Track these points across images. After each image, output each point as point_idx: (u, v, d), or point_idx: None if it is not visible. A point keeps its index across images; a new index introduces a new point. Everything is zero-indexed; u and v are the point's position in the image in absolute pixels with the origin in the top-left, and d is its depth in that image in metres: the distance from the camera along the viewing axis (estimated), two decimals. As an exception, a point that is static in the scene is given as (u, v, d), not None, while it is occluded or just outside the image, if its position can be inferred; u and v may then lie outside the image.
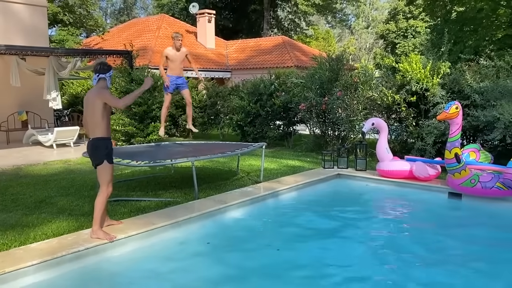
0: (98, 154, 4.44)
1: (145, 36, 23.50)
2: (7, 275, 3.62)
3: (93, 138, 4.46)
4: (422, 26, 39.45)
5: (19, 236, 4.64)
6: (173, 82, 7.72)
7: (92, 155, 4.53)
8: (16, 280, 3.66)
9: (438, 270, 4.14)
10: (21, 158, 10.06)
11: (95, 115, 4.38)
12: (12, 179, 7.84)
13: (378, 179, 7.27)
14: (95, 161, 4.50)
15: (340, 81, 10.10)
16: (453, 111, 6.00)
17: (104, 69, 4.50)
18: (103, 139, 4.45)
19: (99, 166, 4.46)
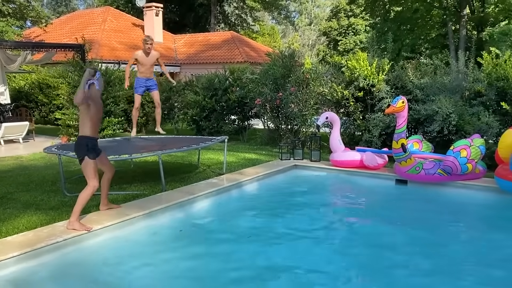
0: (80, 151, 4.78)
1: (90, 29, 22.83)
2: (-11, 267, 3.68)
3: (78, 135, 4.88)
4: (362, 24, 41.27)
5: (-10, 231, 4.64)
6: (142, 85, 7.72)
7: (76, 150, 4.88)
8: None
9: (383, 248, 4.67)
10: (-33, 155, 9.65)
11: (81, 115, 4.81)
12: (-38, 176, 7.58)
13: (331, 168, 7.80)
14: (78, 157, 4.85)
15: (292, 77, 10.57)
16: (399, 105, 6.61)
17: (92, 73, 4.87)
18: (85, 137, 4.79)
19: (82, 162, 4.79)
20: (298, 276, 3.99)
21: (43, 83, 16.31)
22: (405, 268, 4.16)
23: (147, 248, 4.57)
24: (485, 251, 4.56)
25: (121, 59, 20.16)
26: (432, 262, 4.25)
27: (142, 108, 13.54)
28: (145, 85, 7.77)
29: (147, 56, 7.58)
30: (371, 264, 4.28)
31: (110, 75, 11.18)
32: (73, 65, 10.99)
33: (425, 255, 4.44)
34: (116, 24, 24.16)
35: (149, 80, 7.75)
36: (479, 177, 6.74)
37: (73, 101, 5.51)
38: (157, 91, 7.92)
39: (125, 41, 22.76)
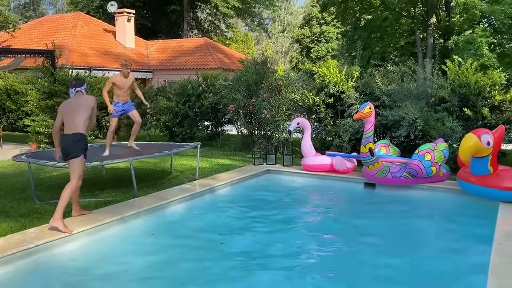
0: (78, 147, 4.85)
1: (59, 34, 22.46)
2: (-42, 275, 3.65)
3: (76, 132, 4.88)
4: (334, 32, 42.06)
5: (-42, 239, 4.56)
6: (119, 109, 7.54)
7: (71, 147, 4.85)
8: (-32, 279, 3.70)
9: (355, 248, 4.85)
10: None
11: (84, 115, 4.97)
12: None
13: (303, 173, 7.98)
14: (73, 153, 4.84)
15: (265, 84, 10.74)
16: (367, 111, 6.85)
17: (80, 83, 5.23)
18: (84, 135, 4.95)
19: (75, 158, 4.83)
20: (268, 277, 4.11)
21: (10, 89, 15.93)
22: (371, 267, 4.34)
23: (119, 252, 4.60)
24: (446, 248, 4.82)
25: (92, 65, 19.95)
26: (396, 260, 4.45)
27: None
28: (122, 109, 7.57)
29: (125, 79, 7.44)
30: (337, 263, 4.44)
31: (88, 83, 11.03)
32: (42, 71, 10.83)
33: (391, 253, 4.64)
34: (87, 30, 23.86)
35: (126, 104, 7.61)
36: (443, 180, 7.03)
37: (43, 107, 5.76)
38: (135, 110, 7.77)
39: (96, 47, 22.51)
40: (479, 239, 4.95)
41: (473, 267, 4.23)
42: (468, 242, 5.00)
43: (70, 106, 5.07)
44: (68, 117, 5.00)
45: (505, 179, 5.87)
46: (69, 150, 4.89)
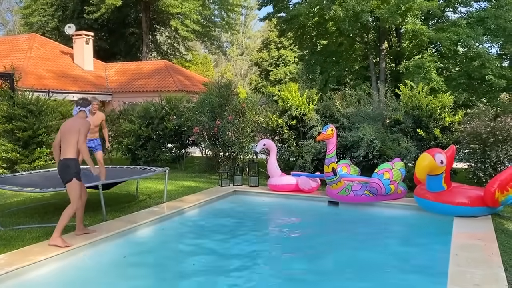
0: (68, 172, 5.04)
1: (14, 56, 21.83)
2: None
3: (65, 158, 5.09)
4: (291, 55, 43.22)
5: None
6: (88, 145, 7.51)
7: (62, 173, 5.11)
8: None
9: (315, 263, 5.08)
10: None
11: (74, 139, 5.10)
12: None
13: (269, 193, 8.20)
14: (64, 179, 5.10)
15: (229, 106, 10.98)
16: (329, 132, 7.20)
17: (85, 104, 5.46)
18: (73, 159, 5.10)
19: (68, 183, 5.05)
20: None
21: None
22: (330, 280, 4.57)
23: (91, 276, 4.59)
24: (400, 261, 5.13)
25: (50, 87, 19.49)
26: (358, 274, 4.71)
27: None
28: (89, 145, 7.32)
29: (92, 116, 7.52)
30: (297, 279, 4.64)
31: (42, 104, 10.84)
32: (1, 95, 10.57)
33: (353, 268, 4.90)
34: (43, 52, 23.34)
35: (93, 141, 7.72)
36: (401, 197, 7.45)
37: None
38: (101, 151, 7.92)
39: (53, 69, 22.04)
40: (436, 251, 5.31)
41: (433, 276, 4.55)
42: (427, 255, 5.35)
43: (64, 128, 5.27)
44: (62, 140, 5.23)
45: (458, 195, 6.32)
46: (60, 176, 5.16)
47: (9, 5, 59.07)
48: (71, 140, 5.11)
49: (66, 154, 5.10)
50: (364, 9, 19.25)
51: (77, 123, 5.25)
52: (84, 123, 5.28)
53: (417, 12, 19.40)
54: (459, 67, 20.81)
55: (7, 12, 60.63)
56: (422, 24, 20.32)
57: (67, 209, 5.01)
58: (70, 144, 5.10)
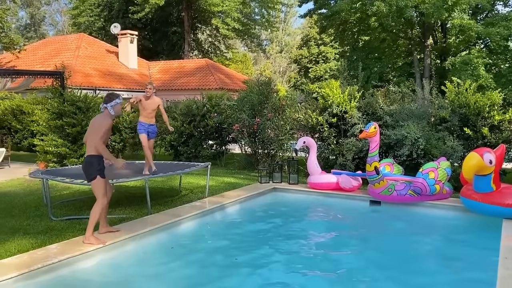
0: (92, 170, 4.95)
1: (63, 55, 22.85)
2: (-12, 288, 3.80)
3: (87, 155, 5.01)
4: (332, 52, 42.71)
5: (-18, 255, 4.72)
6: (146, 128, 7.65)
7: (86, 170, 5.03)
8: (-3, 292, 3.85)
9: (357, 266, 5.02)
10: None
11: (95, 136, 4.94)
12: None
13: (309, 190, 8.17)
14: (88, 176, 5.00)
15: (269, 104, 11.01)
16: (372, 130, 7.08)
17: (107, 100, 5.15)
18: (96, 156, 4.97)
19: (92, 181, 4.96)
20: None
21: (17, 109, 16.17)
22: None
23: (136, 268, 4.77)
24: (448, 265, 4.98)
25: (96, 85, 20.26)
26: (401, 277, 4.62)
27: (119, 134, 13.65)
28: (147, 130, 7.66)
29: (146, 100, 7.55)
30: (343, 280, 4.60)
31: (89, 101, 11.29)
32: (52, 92, 11.09)
33: (397, 271, 4.81)
34: (90, 51, 24.27)
35: (151, 126, 7.70)
36: (446, 197, 7.22)
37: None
38: (153, 139, 7.89)
39: (99, 68, 22.88)
40: (484, 255, 5.12)
41: (480, 282, 4.40)
42: (474, 258, 5.17)
43: (89, 125, 5.25)
44: (87, 136, 5.16)
45: (508, 196, 6.06)
46: (84, 173, 5.10)
47: (58, 6, 61.84)
48: (91, 137, 5.00)
49: (89, 151, 5.02)
50: (408, 4, 18.75)
51: (98, 121, 5.11)
52: (103, 122, 5.04)
53: (465, 6, 18.70)
54: (510, 63, 19.87)
55: (57, 13, 63.53)
56: (470, 18, 19.55)
57: (94, 207, 4.95)
58: (90, 142, 5.01)
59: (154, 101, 7.62)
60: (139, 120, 7.68)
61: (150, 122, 7.68)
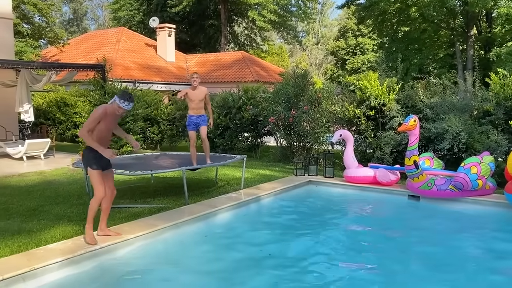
0: (85, 161, 4.91)
1: (104, 48, 23.49)
2: (36, 271, 4.00)
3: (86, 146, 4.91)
4: (370, 43, 41.87)
5: (30, 240, 4.96)
6: (194, 122, 7.59)
7: (83, 162, 5.05)
8: (44, 275, 4.04)
9: (396, 263, 4.92)
10: (-8, 170, 10.03)
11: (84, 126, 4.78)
12: (-8, 190, 7.93)
13: (345, 184, 8.09)
14: (84, 167, 5.09)
15: (305, 96, 10.94)
16: (411, 123, 6.91)
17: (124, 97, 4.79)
18: (89, 148, 4.80)
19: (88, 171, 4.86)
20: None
21: (61, 101, 16.83)
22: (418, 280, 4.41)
23: (173, 256, 4.90)
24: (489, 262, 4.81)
25: (135, 78, 20.72)
26: (443, 276, 4.50)
27: (158, 126, 13.96)
28: (196, 122, 7.61)
29: (193, 91, 7.50)
30: (381, 277, 4.54)
31: (135, 92, 11.59)
32: (94, 85, 11.45)
33: (437, 269, 4.69)
34: (130, 44, 24.84)
35: (199, 117, 7.59)
36: (489, 193, 6.98)
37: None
38: (205, 126, 7.66)
39: (138, 61, 23.39)
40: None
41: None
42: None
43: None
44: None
45: (556, 193, 5.79)
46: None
47: (99, 1, 63.61)
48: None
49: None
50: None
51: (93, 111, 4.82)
52: (94, 111, 4.77)
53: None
54: (561, 53, 18.86)
55: (98, 8, 65.38)
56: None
57: (91, 201, 4.78)
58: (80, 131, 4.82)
59: (201, 91, 7.53)
60: (188, 114, 7.66)
61: (198, 114, 7.57)
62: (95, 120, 4.69)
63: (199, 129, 7.66)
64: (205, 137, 7.65)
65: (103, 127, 4.79)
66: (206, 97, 7.62)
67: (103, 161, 4.83)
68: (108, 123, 4.86)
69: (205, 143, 7.71)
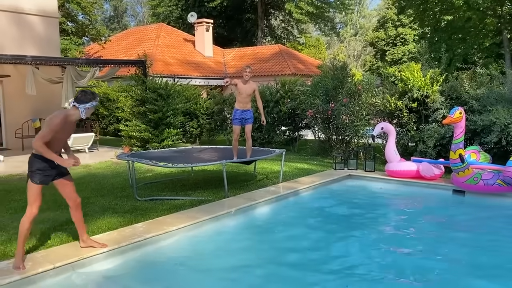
0: (28, 169, 4.15)
1: (144, 44, 24.00)
2: (84, 261, 4.16)
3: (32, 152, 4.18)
4: (410, 34, 40.62)
5: (78, 230, 5.15)
6: (239, 116, 7.54)
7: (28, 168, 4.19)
8: (92, 265, 4.20)
9: (446, 262, 4.76)
10: (41, 163, 10.47)
11: (40, 134, 4.09)
12: (42, 182, 8.28)
13: (387, 178, 7.92)
14: (27, 174, 4.17)
15: (344, 89, 10.77)
16: (457, 116, 6.66)
17: (81, 99, 4.16)
18: (36, 156, 4.11)
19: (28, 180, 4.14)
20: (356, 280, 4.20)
21: (104, 96, 17.37)
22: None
23: (215, 247, 4.96)
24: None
25: (175, 73, 21.06)
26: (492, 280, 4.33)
27: (196, 120, 14.15)
28: (241, 116, 7.53)
29: (244, 85, 7.49)
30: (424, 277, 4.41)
31: (170, 89, 11.81)
32: (135, 80, 11.72)
33: (487, 272, 4.51)
34: (169, 40, 25.25)
35: (245, 112, 7.54)
36: (541, 188, 6.64)
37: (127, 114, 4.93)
38: (251, 124, 7.58)
39: (177, 56, 23.75)
40: None
41: None
42: None
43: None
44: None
45: None
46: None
47: (139, -2, 64.98)
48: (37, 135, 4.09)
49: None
50: (498, -22, 17.21)
51: (50, 116, 4.11)
52: (52, 119, 4.05)
53: None
54: None
55: (137, 5, 66.79)
56: None
57: (22, 220, 4.06)
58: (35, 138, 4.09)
59: (251, 86, 7.52)
60: (234, 107, 7.65)
61: (244, 108, 7.53)
62: (52, 130, 4.01)
63: (244, 126, 7.61)
64: (249, 136, 7.61)
65: (60, 137, 4.14)
66: (256, 93, 7.60)
67: (54, 171, 4.18)
68: (67, 132, 4.25)
69: (248, 142, 7.66)
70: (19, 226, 4.08)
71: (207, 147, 9.20)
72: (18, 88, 12.60)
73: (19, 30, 13.02)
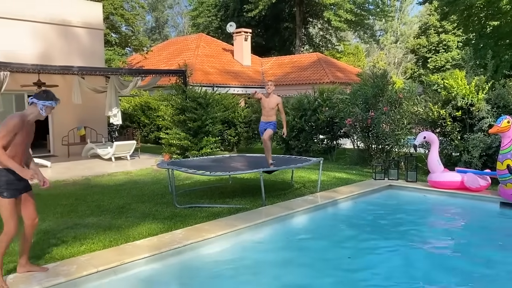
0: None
1: (184, 54, 24.53)
2: (126, 265, 4.27)
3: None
4: (454, 40, 39.44)
5: (119, 235, 5.30)
6: (262, 128, 7.73)
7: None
8: (133, 269, 4.30)
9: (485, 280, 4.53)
10: (86, 170, 10.88)
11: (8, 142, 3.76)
12: (86, 188, 8.59)
13: (430, 189, 7.67)
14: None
15: (384, 97, 10.56)
16: (504, 125, 6.39)
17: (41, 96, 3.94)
18: (4, 170, 3.76)
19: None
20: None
21: (145, 105, 17.85)
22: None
23: (252, 255, 4.96)
24: None
25: (214, 82, 21.37)
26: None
27: (234, 128, 14.28)
28: (265, 128, 7.69)
29: (266, 98, 7.64)
30: None
31: (209, 98, 11.99)
32: (176, 89, 11.99)
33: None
34: (208, 50, 25.69)
35: (268, 124, 7.71)
36: None
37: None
38: (271, 130, 7.70)
39: (216, 66, 24.11)
40: None
41: None
42: None
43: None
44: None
45: None
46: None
47: (179, 9, 66.69)
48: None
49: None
50: (550, -19, 16.43)
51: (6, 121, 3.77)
52: (7, 120, 3.76)
53: None
54: None
55: (178, 16, 68.54)
56: None
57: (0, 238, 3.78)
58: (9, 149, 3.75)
59: (274, 100, 7.60)
60: (261, 120, 7.83)
61: (267, 120, 7.67)
62: (9, 132, 3.69)
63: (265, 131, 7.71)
64: (267, 139, 7.64)
65: (19, 140, 3.79)
66: (279, 107, 7.67)
67: (21, 183, 3.86)
68: (26, 136, 3.86)
69: (265, 144, 7.67)
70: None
71: (244, 155, 9.25)
72: (65, 97, 13.08)
73: (66, 42, 13.64)
